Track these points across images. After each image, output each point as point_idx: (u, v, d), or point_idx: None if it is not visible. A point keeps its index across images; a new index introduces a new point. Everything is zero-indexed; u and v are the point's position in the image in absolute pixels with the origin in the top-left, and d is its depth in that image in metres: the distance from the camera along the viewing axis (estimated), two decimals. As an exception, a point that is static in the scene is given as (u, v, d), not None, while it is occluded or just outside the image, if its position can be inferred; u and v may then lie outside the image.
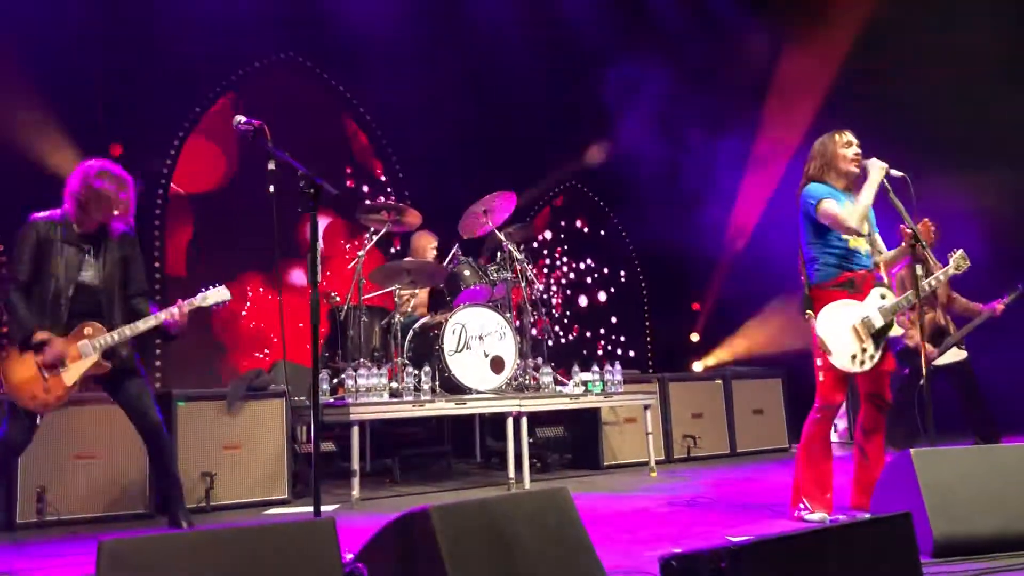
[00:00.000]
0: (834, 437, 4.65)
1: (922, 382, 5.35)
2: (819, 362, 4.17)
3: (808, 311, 4.14)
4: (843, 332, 4.05)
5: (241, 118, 3.63)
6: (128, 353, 4.26)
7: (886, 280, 4.28)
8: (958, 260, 4.39)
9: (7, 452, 4.12)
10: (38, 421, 4.12)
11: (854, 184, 4.27)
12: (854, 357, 4.06)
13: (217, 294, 4.31)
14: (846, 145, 4.23)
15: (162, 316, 4.16)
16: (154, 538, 2.40)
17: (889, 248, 4.38)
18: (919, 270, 4.13)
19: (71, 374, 3.98)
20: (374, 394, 5.55)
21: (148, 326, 4.16)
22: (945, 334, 6.49)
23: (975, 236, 7.05)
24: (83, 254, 4.13)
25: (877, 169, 4.11)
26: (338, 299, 6.71)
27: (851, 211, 4.08)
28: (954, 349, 6.46)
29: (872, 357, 4.10)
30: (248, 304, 7.76)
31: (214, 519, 5.10)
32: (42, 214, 4.19)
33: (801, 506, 4.15)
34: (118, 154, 7.28)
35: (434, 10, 8.92)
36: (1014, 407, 7.65)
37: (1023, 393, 7.67)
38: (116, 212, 4.21)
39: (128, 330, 4.12)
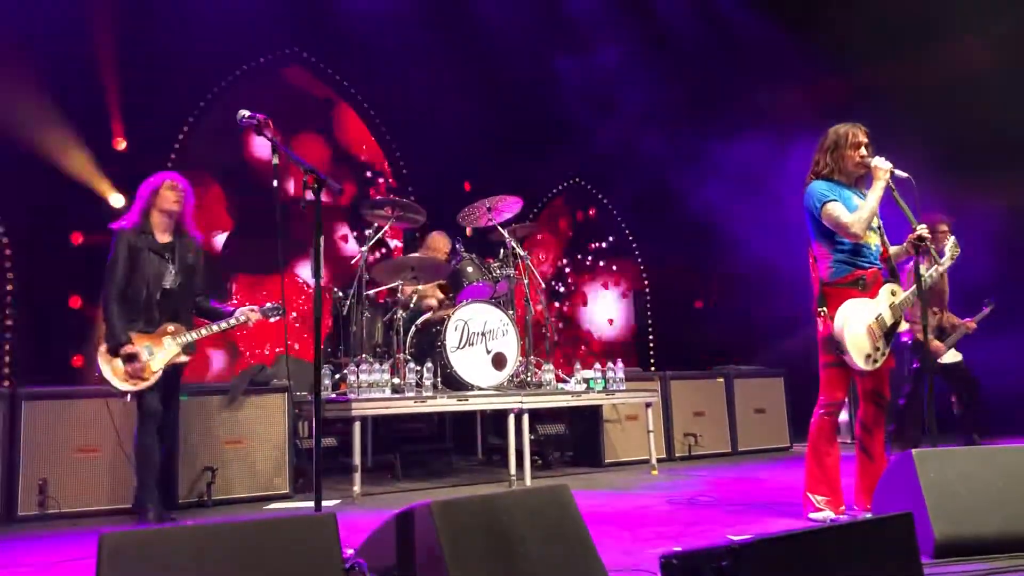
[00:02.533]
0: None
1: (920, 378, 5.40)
2: (825, 358, 4.18)
3: (823, 308, 4.13)
4: (859, 332, 4.05)
5: (245, 112, 3.63)
6: (192, 352, 4.85)
7: (899, 276, 4.27)
8: (952, 248, 4.38)
9: (149, 422, 4.63)
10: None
11: (861, 180, 4.29)
12: (868, 356, 4.07)
13: (274, 309, 4.99)
14: (856, 146, 4.22)
15: (232, 323, 4.84)
16: (155, 532, 2.41)
17: (891, 244, 4.37)
18: (923, 269, 4.13)
19: (157, 362, 4.59)
20: (376, 390, 5.56)
21: (222, 328, 4.82)
22: (948, 334, 6.50)
23: (990, 235, 7.07)
24: (165, 262, 4.70)
25: (882, 173, 4.11)
26: (341, 294, 6.71)
27: (856, 218, 4.08)
28: (952, 350, 6.50)
29: (883, 355, 4.11)
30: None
31: (215, 513, 5.11)
32: (125, 224, 4.68)
33: (809, 504, 4.16)
34: (123, 148, 7.30)
35: (441, 7, 8.90)
36: (1006, 408, 7.67)
37: (1014, 394, 7.69)
38: (176, 219, 4.76)
39: (205, 330, 4.77)
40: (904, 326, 4.32)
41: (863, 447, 4.29)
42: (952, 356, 6.53)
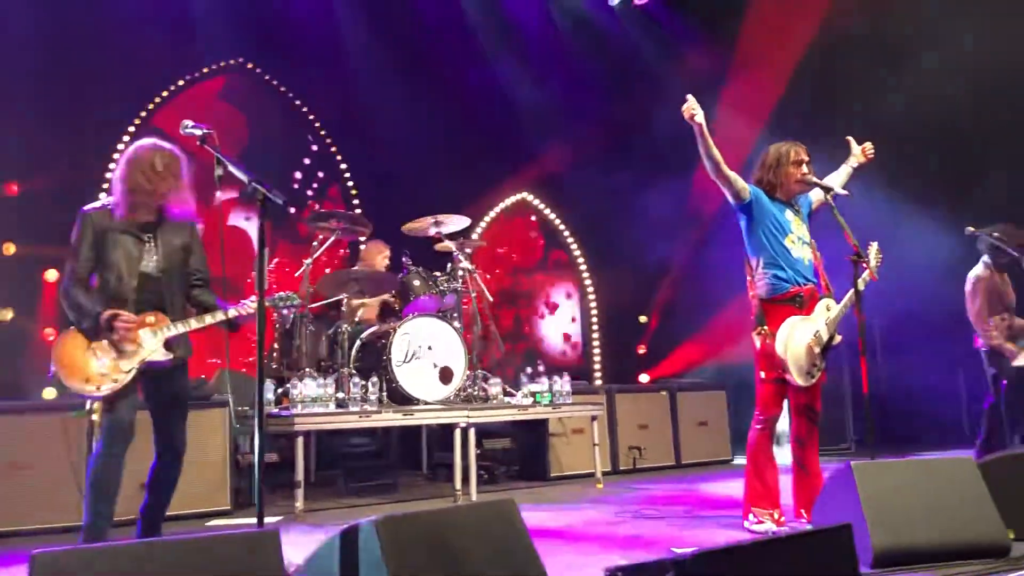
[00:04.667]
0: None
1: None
2: (762, 374, 4.25)
3: (763, 327, 4.20)
4: (799, 350, 4.13)
5: (189, 123, 3.59)
6: (185, 351, 3.93)
7: (832, 289, 4.36)
8: (875, 254, 4.46)
9: (117, 438, 3.73)
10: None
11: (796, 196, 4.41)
12: (808, 373, 4.15)
13: (288, 299, 4.19)
14: (797, 164, 4.33)
15: (232, 313, 3.89)
16: (91, 550, 2.35)
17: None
18: (860, 284, 4.22)
19: (129, 360, 3.69)
20: (319, 404, 5.49)
21: (217, 320, 3.89)
22: (1020, 337, 6.43)
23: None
24: (142, 243, 3.82)
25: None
26: (284, 308, 6.61)
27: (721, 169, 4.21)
28: None
29: (819, 370, 4.20)
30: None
31: (153, 531, 4.98)
32: (95, 204, 3.86)
33: (750, 517, 4.22)
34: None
35: (387, 19, 8.89)
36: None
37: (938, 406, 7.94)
38: (168, 195, 3.82)
39: (195, 321, 3.85)
40: (838, 337, 4.39)
41: (798, 461, 4.37)
42: None
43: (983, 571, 3.16)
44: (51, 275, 7.00)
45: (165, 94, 7.97)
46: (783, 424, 4.47)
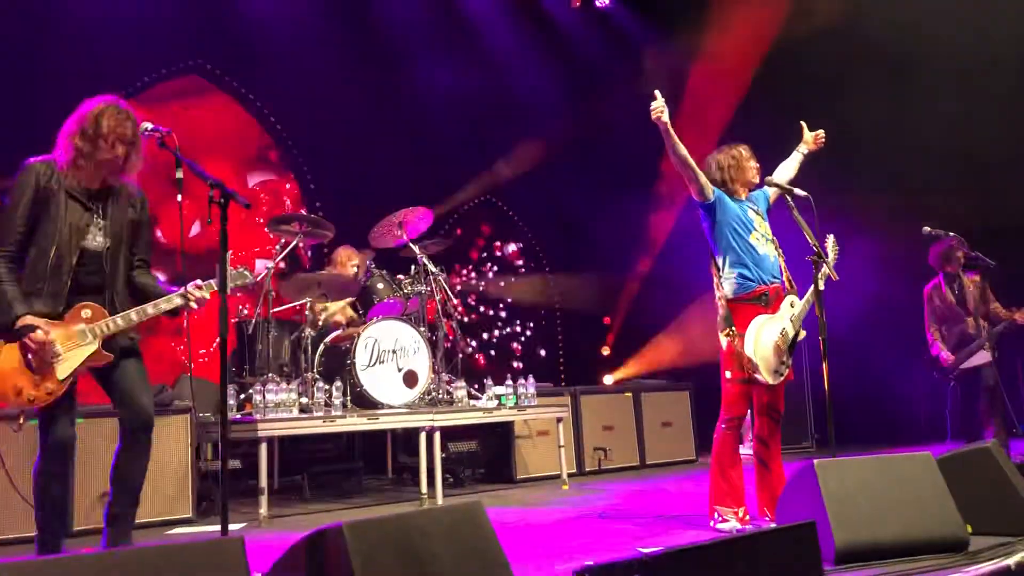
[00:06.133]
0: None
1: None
2: (728, 375, 4.28)
3: (731, 327, 4.22)
4: (767, 349, 4.16)
5: (148, 124, 3.52)
6: (133, 335, 3.57)
7: (795, 286, 4.40)
8: (832, 247, 4.50)
9: (57, 456, 3.43)
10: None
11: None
12: (776, 371, 4.19)
13: (239, 276, 3.69)
14: (748, 159, 4.40)
15: (176, 301, 3.47)
16: (47, 562, 2.29)
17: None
18: (820, 284, 4.27)
19: (66, 366, 3.31)
20: (283, 410, 5.44)
21: (160, 311, 3.46)
22: (971, 341, 6.54)
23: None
24: (89, 213, 3.42)
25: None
26: (246, 312, 6.55)
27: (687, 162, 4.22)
28: (982, 352, 6.46)
29: (787, 367, 4.24)
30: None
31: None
32: (41, 157, 3.42)
33: (715, 516, 4.25)
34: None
35: (349, 20, 8.84)
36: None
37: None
38: (124, 163, 3.47)
39: (135, 314, 3.42)
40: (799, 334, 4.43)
41: (761, 460, 4.41)
42: (981, 358, 6.50)
43: (943, 565, 3.21)
44: None
45: (121, 95, 7.84)
46: (745, 423, 4.50)
